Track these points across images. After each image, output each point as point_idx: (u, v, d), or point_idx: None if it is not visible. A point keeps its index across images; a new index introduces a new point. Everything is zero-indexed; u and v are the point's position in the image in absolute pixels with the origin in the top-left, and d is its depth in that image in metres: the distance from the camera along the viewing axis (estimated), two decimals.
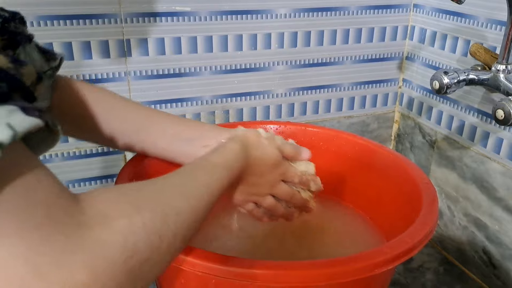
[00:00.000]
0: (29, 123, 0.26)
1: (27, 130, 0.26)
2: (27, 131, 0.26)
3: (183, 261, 0.44)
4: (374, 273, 0.43)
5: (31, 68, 0.33)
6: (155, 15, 0.80)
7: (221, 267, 0.43)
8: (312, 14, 0.90)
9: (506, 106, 0.67)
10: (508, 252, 0.81)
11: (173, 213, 0.36)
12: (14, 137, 0.25)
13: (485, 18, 0.81)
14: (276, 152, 0.60)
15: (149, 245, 0.32)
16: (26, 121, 0.26)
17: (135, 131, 0.59)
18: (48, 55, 0.52)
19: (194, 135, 0.60)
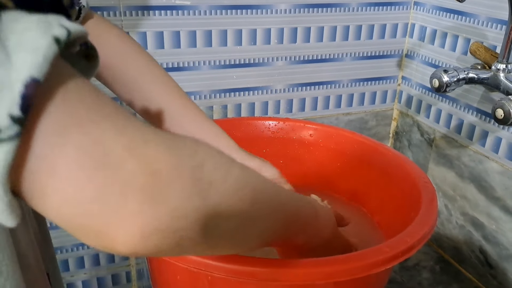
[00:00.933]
0: (80, 28, 0.25)
1: (78, 32, 0.25)
2: (78, 34, 0.25)
3: (178, 257, 0.44)
4: (373, 272, 0.43)
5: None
6: (154, 9, 0.80)
7: (216, 264, 0.42)
8: (312, 10, 0.90)
9: (506, 106, 0.67)
10: (504, 252, 0.81)
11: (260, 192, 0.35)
12: (69, 35, 0.24)
13: (486, 17, 0.81)
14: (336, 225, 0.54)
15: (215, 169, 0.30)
16: (76, 25, 0.25)
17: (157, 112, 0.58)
18: None
19: None
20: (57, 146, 0.24)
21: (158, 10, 0.80)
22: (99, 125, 0.25)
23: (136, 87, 0.58)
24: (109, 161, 0.25)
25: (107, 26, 0.59)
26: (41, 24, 0.23)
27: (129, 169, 0.25)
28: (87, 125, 0.24)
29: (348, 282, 0.43)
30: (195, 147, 0.30)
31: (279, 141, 0.73)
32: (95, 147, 0.24)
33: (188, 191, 0.28)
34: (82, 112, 0.24)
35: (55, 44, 0.23)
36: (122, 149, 0.25)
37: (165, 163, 0.27)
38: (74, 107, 0.24)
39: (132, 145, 0.26)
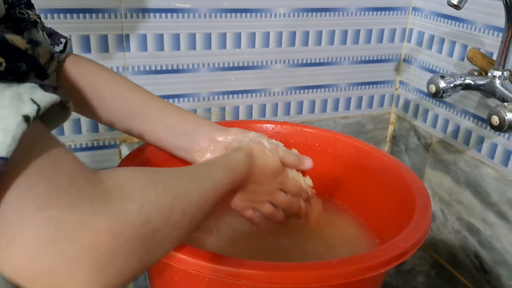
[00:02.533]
0: (50, 98, 0.28)
1: (48, 104, 0.28)
2: (48, 106, 0.28)
3: (176, 259, 0.44)
4: (366, 276, 0.43)
5: (45, 47, 0.35)
6: (155, 11, 0.80)
7: (213, 266, 0.43)
8: (311, 14, 0.90)
9: (501, 113, 0.67)
10: (499, 258, 0.82)
11: (183, 193, 0.39)
12: (38, 111, 0.27)
13: (483, 24, 0.81)
14: (277, 163, 0.62)
15: (161, 216, 0.35)
16: (47, 96, 0.28)
17: (133, 117, 0.61)
18: (54, 38, 0.53)
19: (188, 130, 0.61)
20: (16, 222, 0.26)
21: (158, 13, 0.81)
22: (55, 201, 0.27)
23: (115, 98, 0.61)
24: (61, 237, 0.27)
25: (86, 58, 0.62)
26: (13, 102, 0.26)
27: (79, 243, 0.28)
28: (44, 202, 0.27)
29: (342, 285, 0.44)
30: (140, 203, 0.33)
31: None
32: (49, 223, 0.27)
33: (134, 251, 0.31)
34: (41, 188, 0.27)
35: (24, 123, 0.26)
36: (73, 225, 0.28)
37: (112, 233, 0.29)
38: (35, 184, 0.27)
39: (82, 219, 0.28)
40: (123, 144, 0.88)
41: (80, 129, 0.84)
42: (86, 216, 0.28)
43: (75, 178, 0.29)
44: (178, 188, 0.39)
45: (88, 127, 0.84)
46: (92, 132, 0.85)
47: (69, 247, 0.28)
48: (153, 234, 0.33)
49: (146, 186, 0.35)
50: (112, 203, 0.31)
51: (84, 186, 0.30)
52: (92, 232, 0.28)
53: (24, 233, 0.27)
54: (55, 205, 0.27)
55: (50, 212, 0.27)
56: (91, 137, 0.85)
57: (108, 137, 0.86)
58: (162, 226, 0.35)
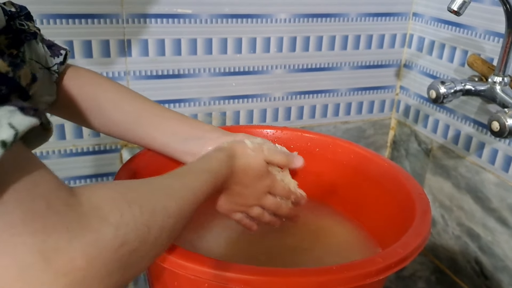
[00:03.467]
0: (29, 122, 0.28)
1: (26, 128, 0.28)
2: (26, 130, 0.28)
3: (176, 264, 0.44)
4: (366, 282, 0.43)
5: (27, 70, 0.35)
6: (156, 17, 0.81)
7: (214, 272, 0.43)
8: (312, 19, 0.91)
9: (502, 118, 0.67)
10: (500, 263, 0.82)
11: (161, 209, 0.39)
12: (16, 136, 0.27)
13: (483, 30, 0.82)
14: (261, 163, 0.61)
15: (138, 236, 0.35)
16: (25, 120, 0.28)
17: (137, 125, 0.61)
18: (54, 49, 0.53)
19: (195, 136, 0.62)
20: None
21: (160, 18, 0.81)
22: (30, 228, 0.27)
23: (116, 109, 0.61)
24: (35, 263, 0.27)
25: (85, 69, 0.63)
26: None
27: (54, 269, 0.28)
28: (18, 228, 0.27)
29: None
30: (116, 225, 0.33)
31: None
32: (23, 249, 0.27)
33: (111, 273, 0.32)
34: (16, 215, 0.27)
35: (1, 148, 0.26)
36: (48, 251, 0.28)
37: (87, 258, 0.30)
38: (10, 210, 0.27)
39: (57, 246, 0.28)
40: (124, 148, 0.88)
41: (82, 133, 0.84)
42: (61, 242, 0.29)
43: (51, 202, 0.29)
44: (155, 205, 0.39)
45: (89, 131, 0.84)
46: (93, 137, 0.85)
47: (43, 273, 0.28)
48: (130, 254, 0.34)
49: (122, 206, 0.35)
50: (87, 227, 0.31)
51: (60, 210, 0.30)
52: (67, 258, 0.29)
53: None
54: (30, 232, 0.27)
55: (25, 238, 0.27)
56: (93, 142, 0.86)
57: (109, 142, 0.87)
58: (140, 245, 0.35)
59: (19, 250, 0.27)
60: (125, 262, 0.33)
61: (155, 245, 0.37)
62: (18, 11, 0.47)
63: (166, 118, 0.62)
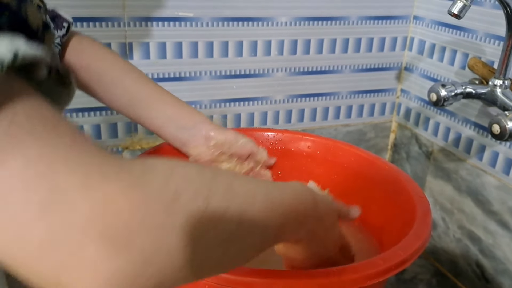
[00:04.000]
0: (34, 52, 0.22)
1: (31, 55, 0.22)
2: (31, 57, 0.22)
3: None
4: (366, 284, 0.43)
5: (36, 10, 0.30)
6: (157, 20, 0.81)
7: None
8: (313, 22, 0.91)
9: (502, 121, 0.67)
10: (501, 267, 0.82)
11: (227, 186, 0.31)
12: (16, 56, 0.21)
13: (484, 33, 0.82)
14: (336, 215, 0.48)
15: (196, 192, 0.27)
16: (30, 48, 0.22)
17: (136, 103, 0.63)
18: (57, 21, 0.53)
19: (188, 125, 0.65)
20: None
21: (161, 21, 0.81)
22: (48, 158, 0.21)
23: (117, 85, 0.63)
24: (59, 200, 0.21)
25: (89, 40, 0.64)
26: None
27: (84, 210, 0.21)
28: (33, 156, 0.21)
29: None
30: (167, 176, 0.26)
31: (277, 152, 0.73)
32: (40, 182, 0.21)
33: (160, 231, 0.24)
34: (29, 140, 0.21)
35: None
36: (74, 186, 0.22)
37: (128, 202, 0.23)
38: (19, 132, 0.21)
39: (87, 182, 0.22)
40: (125, 151, 0.88)
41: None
42: (92, 178, 0.22)
43: (77, 138, 0.23)
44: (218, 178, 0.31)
45: (90, 133, 0.85)
46: (94, 139, 0.85)
47: (71, 214, 0.21)
48: (187, 218, 0.26)
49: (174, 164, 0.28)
50: (128, 168, 0.24)
51: (88, 148, 0.24)
52: (102, 196, 0.22)
53: (8, 195, 0.20)
54: (48, 162, 0.21)
55: (41, 168, 0.21)
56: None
57: (110, 144, 0.87)
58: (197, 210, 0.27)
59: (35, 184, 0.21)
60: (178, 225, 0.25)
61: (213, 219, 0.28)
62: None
63: (164, 101, 0.65)
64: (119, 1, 0.78)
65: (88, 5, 0.76)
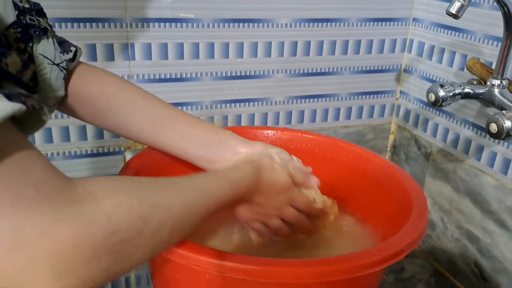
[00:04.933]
0: (12, 108, 0.28)
1: (9, 114, 0.28)
2: (9, 116, 0.28)
3: (177, 254, 0.45)
4: (362, 273, 0.44)
5: (15, 57, 0.35)
6: (159, 21, 0.82)
7: (214, 261, 0.44)
8: (313, 24, 0.92)
9: (499, 120, 0.68)
10: (499, 266, 0.82)
11: (162, 205, 0.39)
12: None
13: (482, 34, 0.83)
14: (286, 178, 0.61)
15: (132, 227, 0.35)
16: (9, 106, 0.28)
17: (153, 129, 0.61)
18: (64, 46, 0.54)
19: (212, 142, 0.62)
20: None
21: (162, 23, 0.82)
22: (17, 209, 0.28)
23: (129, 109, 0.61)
24: (22, 244, 0.28)
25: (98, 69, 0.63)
26: None
27: (40, 250, 0.29)
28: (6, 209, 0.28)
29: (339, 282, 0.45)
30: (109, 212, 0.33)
31: None
32: (10, 230, 0.28)
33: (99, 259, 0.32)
34: (3, 196, 0.28)
35: None
36: (35, 232, 0.28)
37: (74, 241, 0.30)
38: None
39: (44, 228, 0.29)
40: (127, 151, 0.89)
41: (86, 135, 0.85)
42: (48, 224, 0.29)
43: (41, 187, 0.30)
44: (157, 200, 0.39)
45: (93, 133, 0.86)
46: (97, 139, 0.87)
47: (30, 254, 0.28)
48: (122, 244, 0.34)
49: (120, 197, 0.35)
50: (78, 211, 0.31)
51: (49, 194, 0.30)
52: (53, 240, 0.29)
53: None
54: (18, 213, 0.28)
55: (12, 219, 0.28)
56: (97, 144, 0.87)
57: (113, 144, 0.88)
58: (134, 237, 0.35)
59: (6, 231, 0.28)
60: (116, 250, 0.33)
61: (152, 239, 0.37)
62: (32, 7, 0.48)
63: (183, 122, 0.62)
64: (121, 3, 0.79)
65: (91, 6, 0.78)
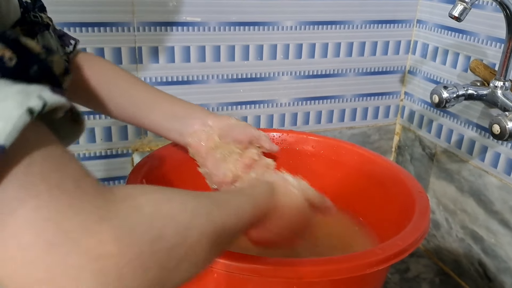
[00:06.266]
0: (59, 100, 0.26)
1: (55, 103, 0.26)
2: (55, 105, 0.26)
3: None
4: (366, 272, 0.45)
5: (60, 58, 0.34)
6: (166, 25, 0.83)
7: (222, 261, 0.45)
8: (317, 27, 0.93)
9: (502, 121, 0.69)
10: (503, 265, 0.83)
11: (205, 212, 0.36)
12: (44, 106, 0.25)
13: (485, 35, 0.84)
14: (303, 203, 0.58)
15: (175, 232, 0.31)
16: (56, 97, 0.26)
17: (139, 111, 0.65)
18: (64, 39, 0.56)
19: (181, 114, 0.66)
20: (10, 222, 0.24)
21: (169, 26, 0.84)
22: (55, 202, 0.25)
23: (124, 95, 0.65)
24: (61, 242, 0.24)
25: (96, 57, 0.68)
26: (19, 95, 0.24)
27: (81, 251, 0.25)
28: (43, 201, 0.25)
29: (343, 280, 0.46)
30: (152, 217, 0.30)
31: (282, 152, 0.75)
32: (47, 225, 0.24)
33: (146, 268, 0.28)
34: (41, 187, 0.25)
35: (28, 115, 0.24)
36: (75, 230, 0.25)
37: (119, 244, 0.27)
38: (34, 181, 0.25)
39: (85, 226, 0.25)
40: (135, 153, 0.90)
41: (94, 138, 0.87)
42: (89, 222, 0.26)
43: (80, 183, 0.27)
44: (198, 207, 0.35)
45: (102, 136, 0.87)
46: (105, 141, 0.88)
47: (70, 255, 0.25)
48: (168, 252, 0.30)
49: (160, 201, 0.32)
50: (120, 212, 0.28)
51: (89, 191, 0.27)
52: (97, 241, 0.26)
53: (19, 236, 0.24)
54: (56, 207, 0.25)
55: (50, 213, 0.24)
56: (105, 146, 0.88)
57: (121, 146, 0.89)
58: (178, 244, 0.31)
59: (43, 226, 0.24)
60: (162, 259, 0.30)
61: (194, 250, 0.33)
62: (34, 3, 0.49)
63: (158, 99, 0.66)
64: (129, 7, 0.80)
65: (99, 10, 0.79)
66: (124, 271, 0.26)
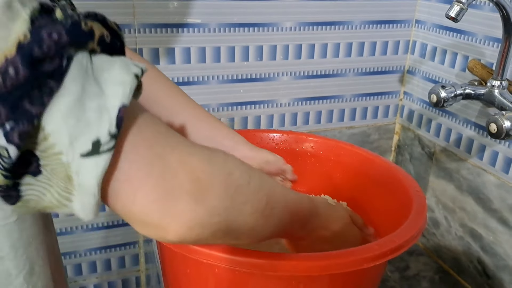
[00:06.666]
0: (146, 66, 0.32)
1: (145, 69, 0.31)
2: (145, 71, 0.31)
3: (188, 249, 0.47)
4: (363, 267, 0.46)
5: None
6: (167, 26, 0.84)
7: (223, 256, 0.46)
8: (317, 27, 0.94)
9: (499, 120, 0.70)
10: (502, 263, 0.84)
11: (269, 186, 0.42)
12: (142, 72, 0.30)
13: (483, 35, 0.84)
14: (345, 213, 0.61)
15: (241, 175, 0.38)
16: (142, 64, 0.31)
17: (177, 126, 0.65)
18: None
19: (225, 145, 0.66)
20: (131, 160, 0.30)
21: (170, 28, 0.85)
22: (160, 143, 0.32)
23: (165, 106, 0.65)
24: (167, 172, 0.31)
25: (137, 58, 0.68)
26: (122, 64, 0.30)
27: (180, 178, 0.32)
28: (152, 144, 0.31)
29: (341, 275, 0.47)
30: (225, 158, 0.37)
31: (282, 153, 0.76)
32: (158, 161, 0.31)
33: (222, 193, 0.35)
34: (149, 134, 0.32)
35: (135, 79, 0.29)
36: (175, 163, 0.32)
37: (205, 172, 0.34)
38: (144, 130, 0.31)
39: (181, 159, 0.33)
40: None
41: None
42: (184, 156, 0.33)
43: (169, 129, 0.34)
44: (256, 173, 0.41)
45: None
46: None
47: (173, 181, 0.31)
48: (236, 189, 0.36)
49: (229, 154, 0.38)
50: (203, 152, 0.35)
51: (177, 135, 0.34)
52: (190, 169, 0.32)
53: (138, 170, 0.30)
54: (161, 145, 0.32)
55: (158, 150, 0.31)
56: None
57: None
58: (243, 184, 0.37)
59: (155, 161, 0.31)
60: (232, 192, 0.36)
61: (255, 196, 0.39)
62: None
63: (201, 120, 0.66)
64: (130, 9, 0.81)
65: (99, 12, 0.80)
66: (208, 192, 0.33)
